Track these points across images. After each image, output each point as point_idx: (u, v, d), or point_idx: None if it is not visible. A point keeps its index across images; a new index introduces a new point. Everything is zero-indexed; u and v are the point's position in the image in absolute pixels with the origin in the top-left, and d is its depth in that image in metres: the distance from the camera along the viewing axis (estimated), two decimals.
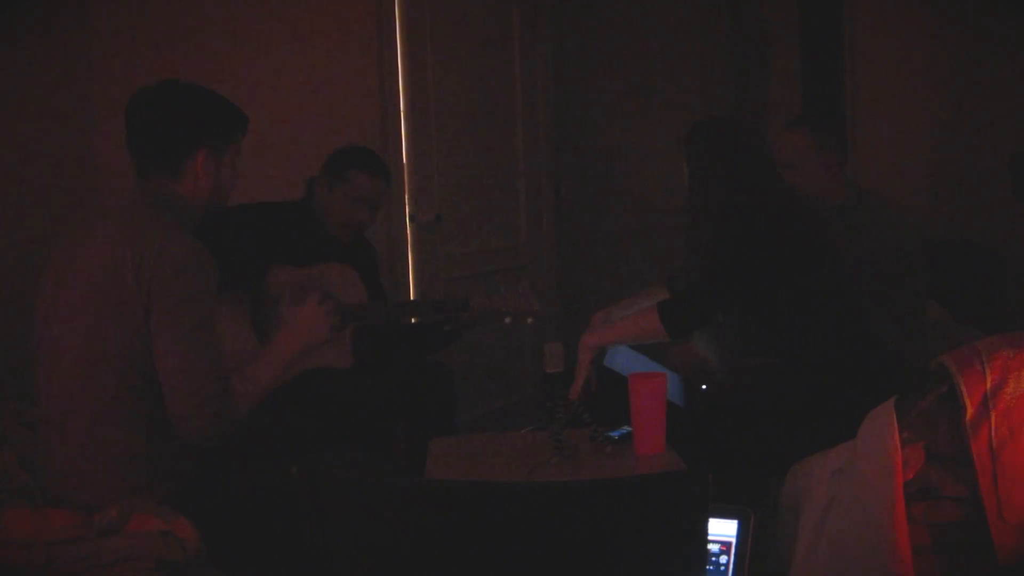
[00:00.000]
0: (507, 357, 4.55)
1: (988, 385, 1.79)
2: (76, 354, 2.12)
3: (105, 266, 2.10)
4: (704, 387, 2.99)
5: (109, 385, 2.11)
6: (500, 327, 3.16)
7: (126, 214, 2.20)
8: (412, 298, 4.01)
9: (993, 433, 1.78)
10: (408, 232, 4.07)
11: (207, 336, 2.10)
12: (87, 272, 2.13)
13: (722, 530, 1.94)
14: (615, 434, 2.48)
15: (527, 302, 3.15)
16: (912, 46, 4.25)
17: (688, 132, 2.73)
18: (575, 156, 5.33)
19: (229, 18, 3.86)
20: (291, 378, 2.30)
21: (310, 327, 2.34)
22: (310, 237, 3.20)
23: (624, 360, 2.95)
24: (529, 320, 3.16)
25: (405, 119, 4.03)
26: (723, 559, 1.93)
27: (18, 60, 3.40)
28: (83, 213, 3.52)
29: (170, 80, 2.26)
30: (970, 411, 1.79)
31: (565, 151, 5.15)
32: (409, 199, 4.06)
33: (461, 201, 4.32)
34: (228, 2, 3.90)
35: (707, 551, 1.62)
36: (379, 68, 3.93)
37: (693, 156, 2.68)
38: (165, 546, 1.96)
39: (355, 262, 3.23)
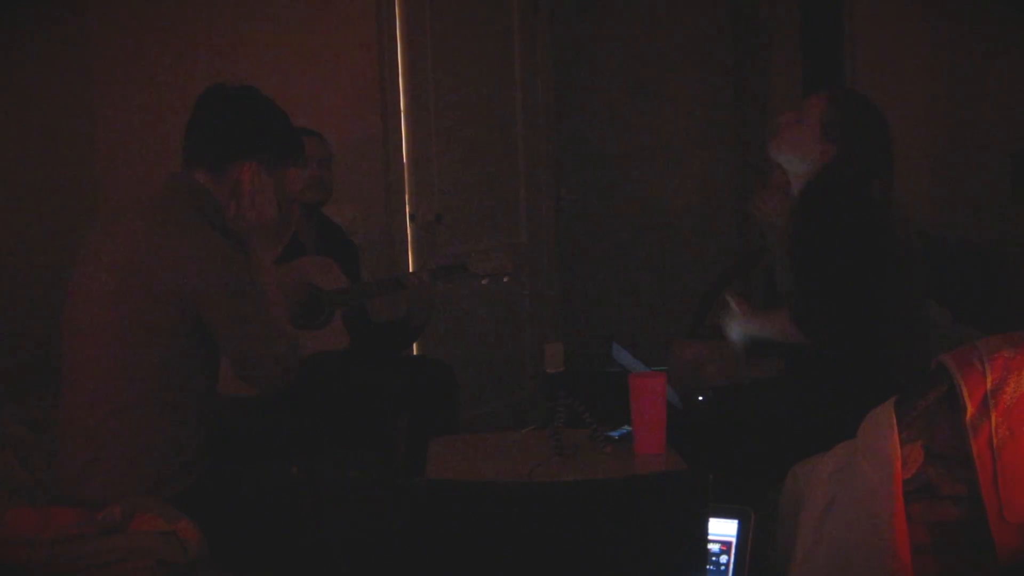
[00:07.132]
0: (507, 357, 4.55)
1: (988, 385, 1.79)
2: (94, 354, 2.12)
3: (125, 267, 2.10)
4: (700, 399, 2.99)
5: (126, 384, 2.11)
6: (488, 324, 3.15)
7: (152, 211, 2.20)
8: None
9: (993, 433, 1.78)
10: (408, 232, 4.07)
11: (260, 311, 2.16)
12: (108, 273, 2.12)
13: (722, 530, 1.94)
14: (615, 434, 2.48)
15: (501, 263, 3.21)
16: (912, 45, 4.25)
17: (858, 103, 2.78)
18: (575, 157, 5.32)
19: (229, 18, 3.86)
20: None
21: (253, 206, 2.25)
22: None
23: (627, 359, 2.96)
24: (505, 279, 3.22)
25: (405, 119, 4.03)
26: (723, 559, 1.93)
27: (18, 60, 3.40)
28: (83, 212, 3.53)
29: (251, 87, 2.29)
30: (970, 411, 1.80)
31: (565, 152, 5.15)
32: (409, 199, 4.06)
33: (461, 201, 4.31)
34: (228, 2, 3.90)
35: (707, 551, 1.62)
36: (379, 68, 3.93)
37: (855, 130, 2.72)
38: (167, 547, 1.95)
39: (336, 256, 3.24)
